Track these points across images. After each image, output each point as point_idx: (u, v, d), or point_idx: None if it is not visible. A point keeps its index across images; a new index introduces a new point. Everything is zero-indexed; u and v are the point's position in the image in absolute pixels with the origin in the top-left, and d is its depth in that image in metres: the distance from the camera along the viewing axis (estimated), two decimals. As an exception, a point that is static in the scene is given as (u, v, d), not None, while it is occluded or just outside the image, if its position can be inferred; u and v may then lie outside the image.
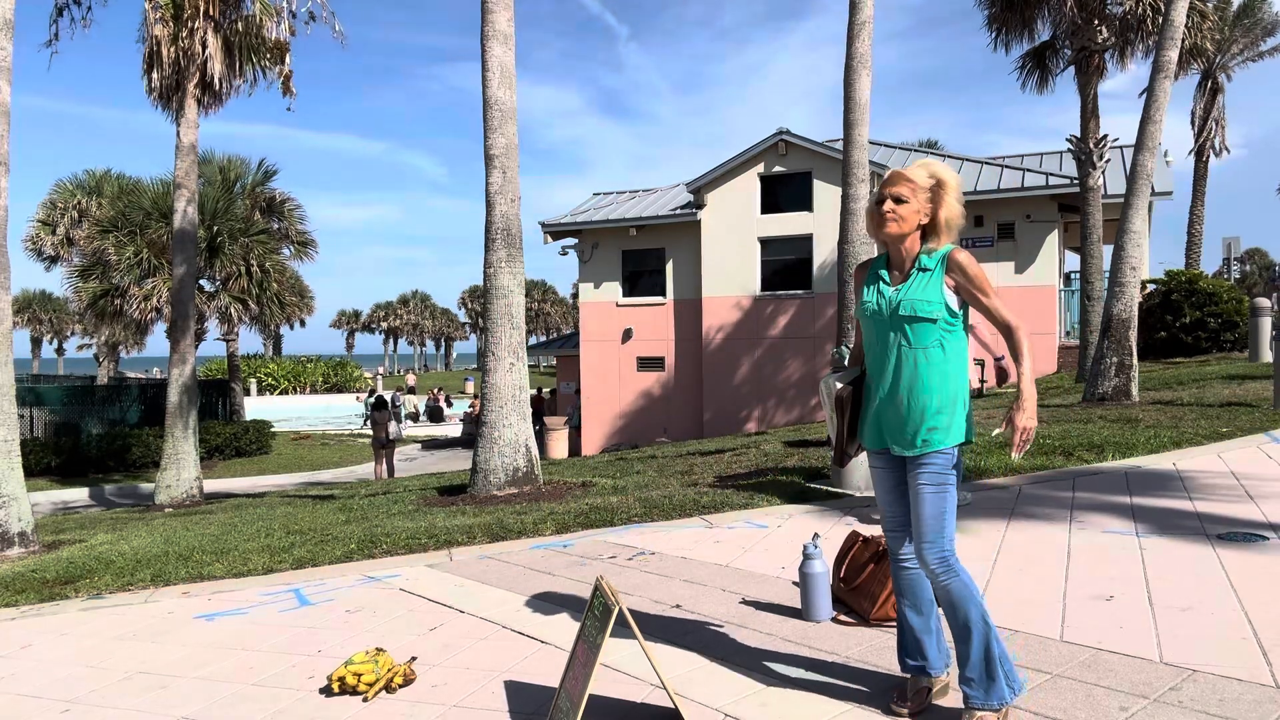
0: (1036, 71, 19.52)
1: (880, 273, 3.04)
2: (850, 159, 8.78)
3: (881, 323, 2.97)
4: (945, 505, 2.87)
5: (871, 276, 3.07)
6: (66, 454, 21.78)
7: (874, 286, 3.03)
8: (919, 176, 2.91)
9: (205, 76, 15.06)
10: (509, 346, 8.54)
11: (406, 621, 4.48)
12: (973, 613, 2.82)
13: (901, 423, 2.93)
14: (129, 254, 23.48)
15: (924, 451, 2.90)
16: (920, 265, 2.94)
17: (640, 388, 22.97)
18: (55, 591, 5.79)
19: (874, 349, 3.01)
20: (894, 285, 2.97)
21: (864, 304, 3.04)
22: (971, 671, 2.84)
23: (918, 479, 2.91)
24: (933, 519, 2.87)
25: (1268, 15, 29.92)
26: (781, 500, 6.77)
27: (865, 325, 3.05)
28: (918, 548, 2.90)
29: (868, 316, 3.02)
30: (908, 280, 2.95)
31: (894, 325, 2.93)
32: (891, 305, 2.94)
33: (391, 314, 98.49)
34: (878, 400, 3.00)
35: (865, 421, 3.09)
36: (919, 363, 2.90)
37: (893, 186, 2.94)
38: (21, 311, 62.81)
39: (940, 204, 2.90)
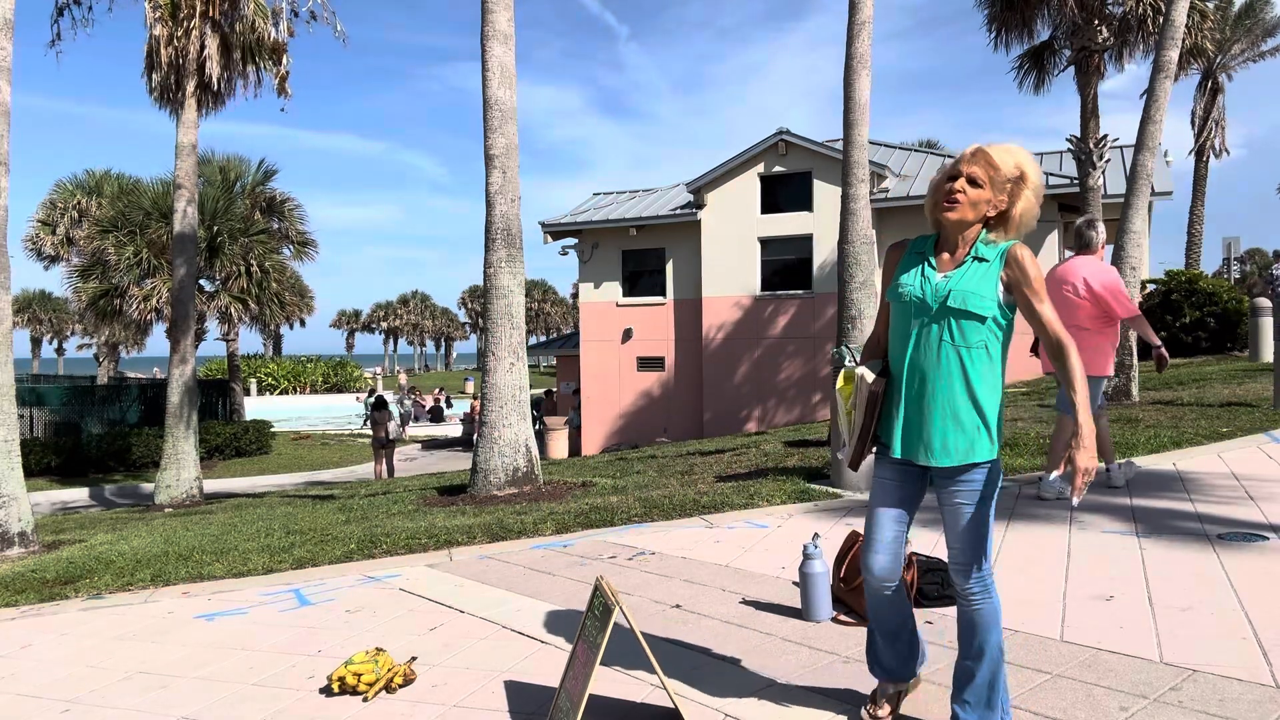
0: (1034, 72, 19.53)
1: (929, 254, 2.69)
2: (850, 159, 8.79)
3: (924, 312, 2.62)
4: (988, 523, 2.63)
5: (912, 257, 2.72)
6: (66, 454, 21.78)
7: (916, 269, 2.67)
8: (1005, 163, 2.58)
9: (204, 77, 15.07)
10: (509, 346, 8.54)
11: (406, 621, 4.48)
12: (994, 638, 2.65)
13: (938, 429, 2.61)
14: (129, 254, 23.49)
15: (965, 463, 2.61)
16: (977, 254, 2.61)
17: (640, 388, 22.97)
18: (55, 591, 5.79)
19: (907, 341, 2.65)
20: (941, 272, 2.64)
21: (902, 287, 2.67)
22: (972, 695, 2.69)
23: (955, 495, 2.63)
24: (978, 539, 2.62)
25: (1268, 15, 29.94)
26: (781, 500, 6.77)
27: (899, 312, 2.68)
28: (957, 569, 2.66)
29: (905, 302, 2.65)
30: (960, 268, 2.61)
31: (940, 317, 2.59)
32: (939, 294, 2.60)
33: (391, 314, 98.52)
34: (905, 401, 2.66)
35: (888, 424, 2.73)
36: (965, 363, 2.58)
37: (971, 165, 2.59)
38: (21, 311, 62.82)
39: (1018, 198, 2.59)
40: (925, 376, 2.62)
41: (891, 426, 2.71)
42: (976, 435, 2.60)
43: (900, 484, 2.75)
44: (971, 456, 2.60)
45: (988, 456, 2.61)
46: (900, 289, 2.67)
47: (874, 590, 2.84)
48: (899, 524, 2.77)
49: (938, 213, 2.64)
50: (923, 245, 2.72)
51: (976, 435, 2.60)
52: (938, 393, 2.61)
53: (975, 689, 2.67)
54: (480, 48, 8.61)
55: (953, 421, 2.60)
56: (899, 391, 2.68)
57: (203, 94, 15.22)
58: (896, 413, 2.69)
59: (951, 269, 2.63)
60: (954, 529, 2.66)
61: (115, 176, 30.09)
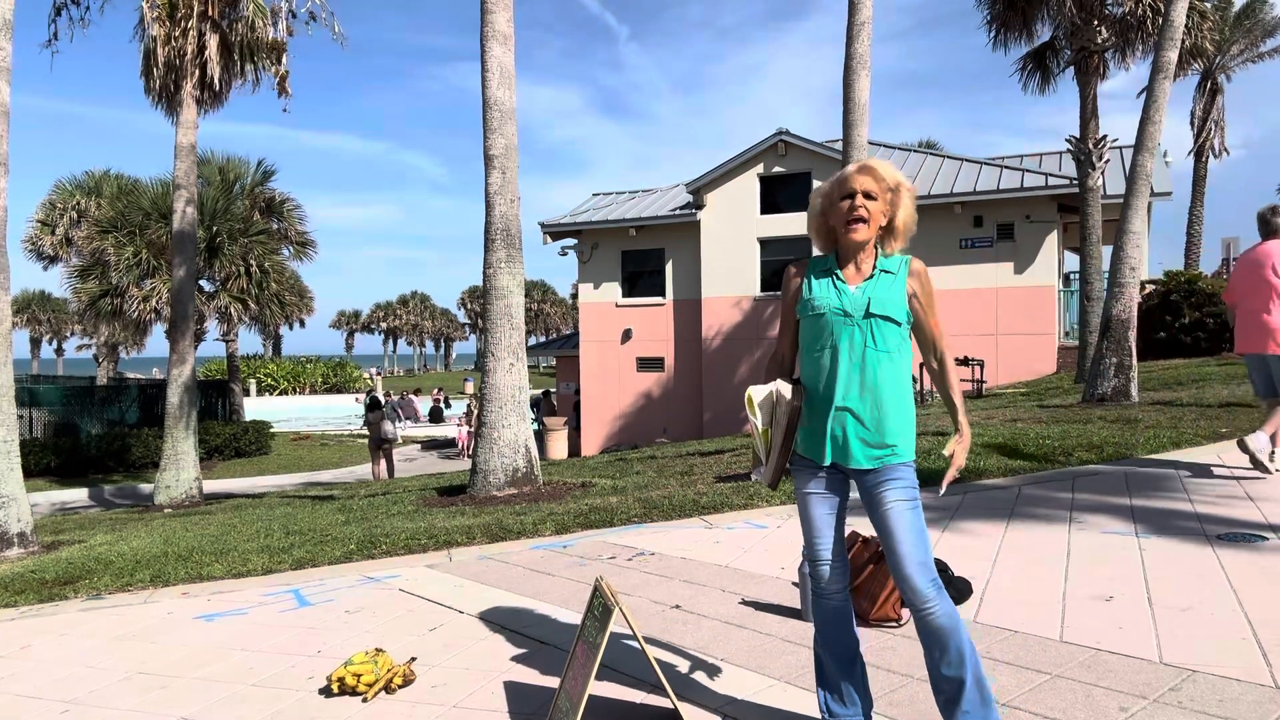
0: (1038, 73, 19.54)
1: (835, 270, 2.77)
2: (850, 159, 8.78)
3: (843, 322, 2.70)
4: (922, 519, 2.67)
5: (819, 275, 2.79)
6: (66, 454, 21.78)
7: (827, 284, 2.76)
8: (889, 173, 2.72)
9: (205, 77, 15.07)
10: (509, 347, 8.54)
11: (406, 622, 4.48)
12: (963, 636, 2.59)
13: (869, 433, 2.68)
14: (128, 254, 23.49)
15: (895, 463, 2.68)
16: (882, 267, 2.74)
17: (640, 388, 22.97)
18: (55, 592, 5.79)
19: (826, 353, 2.72)
20: (852, 285, 2.74)
21: (815, 301, 2.75)
22: (969, 704, 2.60)
23: (889, 494, 2.65)
24: (919, 535, 2.63)
25: (1268, 16, 29.95)
26: (781, 501, 6.77)
27: (813, 326, 2.75)
28: (907, 571, 2.60)
29: (820, 315, 2.73)
30: (870, 280, 2.73)
31: (861, 325, 2.69)
32: (859, 304, 2.69)
33: (391, 314, 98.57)
34: (833, 409, 2.69)
35: (810, 435, 2.76)
36: (886, 367, 2.68)
37: (864, 181, 2.69)
38: (21, 312, 62.83)
39: (899, 207, 2.72)
40: (854, 382, 2.68)
41: (817, 436, 2.74)
42: (903, 435, 2.70)
43: (829, 492, 2.78)
44: (901, 456, 2.69)
45: (913, 456, 2.73)
46: (816, 302, 2.74)
47: (827, 601, 2.80)
48: (839, 531, 2.79)
49: (843, 235, 2.72)
50: (826, 264, 2.80)
51: (903, 435, 2.70)
52: (866, 396, 2.68)
53: (968, 697, 2.59)
54: (480, 48, 8.61)
55: (885, 423, 2.68)
56: (822, 401, 2.72)
57: (202, 94, 15.22)
58: (821, 422, 2.73)
59: (860, 282, 2.73)
60: (899, 529, 2.64)
61: (114, 177, 30.10)
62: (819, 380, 2.73)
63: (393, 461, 19.22)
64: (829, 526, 2.78)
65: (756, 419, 2.77)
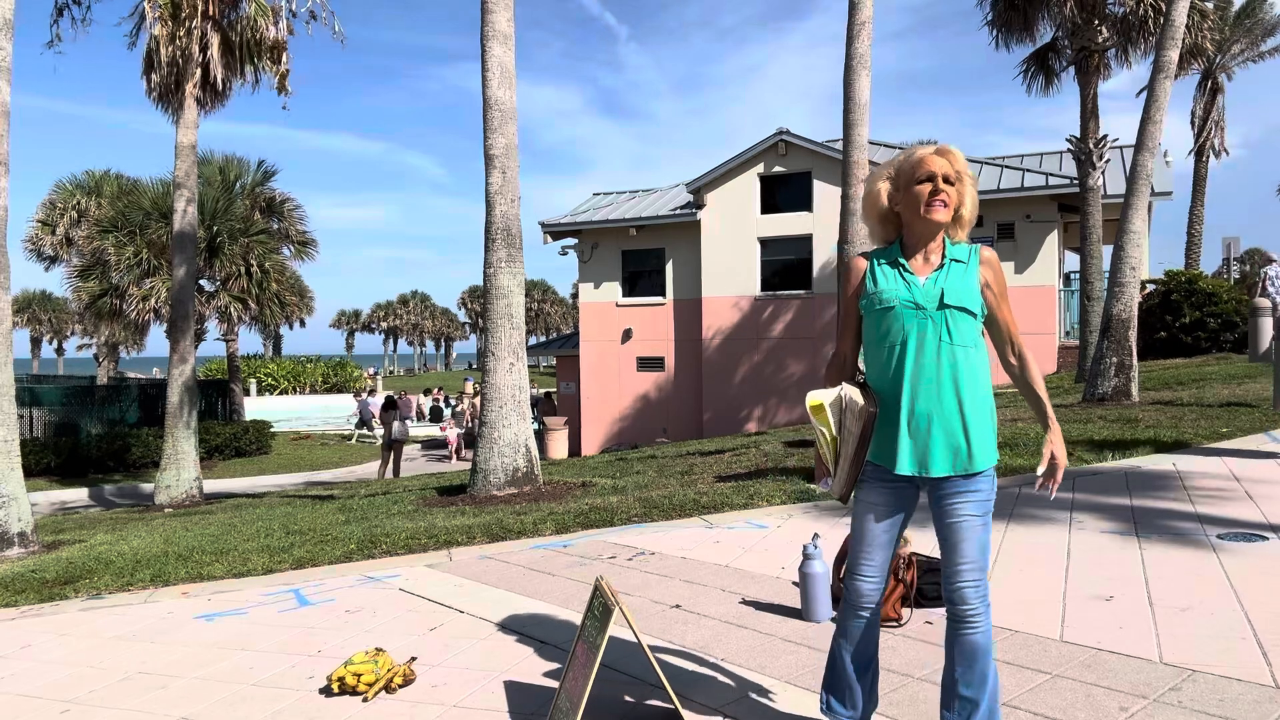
0: (1041, 74, 19.54)
1: (901, 260, 2.56)
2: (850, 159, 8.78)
3: (916, 316, 2.48)
4: (990, 533, 2.51)
5: (883, 267, 2.58)
6: (66, 454, 21.78)
7: (892, 274, 2.55)
8: (961, 160, 2.54)
9: (207, 77, 15.08)
10: (509, 346, 8.54)
11: (406, 622, 4.48)
12: (991, 660, 2.52)
13: (950, 436, 2.46)
14: (128, 254, 23.50)
15: (976, 470, 2.46)
16: (952, 256, 2.54)
17: (640, 388, 22.97)
18: (55, 591, 5.79)
19: (896, 349, 2.50)
20: (921, 276, 2.53)
21: (883, 293, 2.53)
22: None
23: (964, 508, 2.47)
24: (984, 550, 2.46)
25: (1268, 15, 29.94)
26: (781, 500, 6.77)
27: (881, 320, 2.53)
28: (961, 583, 2.46)
29: (889, 308, 2.51)
30: (940, 270, 2.52)
31: (935, 318, 2.47)
32: (931, 295, 2.48)
33: (391, 314, 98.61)
34: (909, 411, 2.48)
35: (884, 441, 2.53)
36: (964, 363, 2.47)
37: (943, 163, 2.50)
38: (21, 311, 62.85)
39: (965, 195, 2.55)
40: (927, 384, 2.47)
41: (891, 442, 2.52)
42: (983, 439, 2.48)
43: (893, 504, 2.56)
44: (984, 463, 2.48)
45: (994, 460, 2.50)
46: (885, 294, 2.52)
47: (855, 613, 2.64)
48: (890, 547, 2.62)
49: (918, 217, 2.51)
50: (890, 254, 2.59)
51: (983, 439, 2.48)
52: (947, 396, 2.46)
53: (981, 716, 2.52)
54: (480, 48, 8.61)
55: (970, 424, 2.47)
56: (894, 403, 2.50)
57: (203, 93, 15.22)
58: (895, 427, 2.50)
59: (930, 273, 2.53)
60: (961, 542, 2.47)
61: (115, 177, 30.12)
62: (890, 380, 2.52)
63: (399, 463, 19.29)
64: (884, 546, 2.59)
65: (825, 426, 2.54)
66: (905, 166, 2.55)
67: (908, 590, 3.95)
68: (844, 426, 2.54)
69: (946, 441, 2.47)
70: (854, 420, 2.51)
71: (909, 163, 2.55)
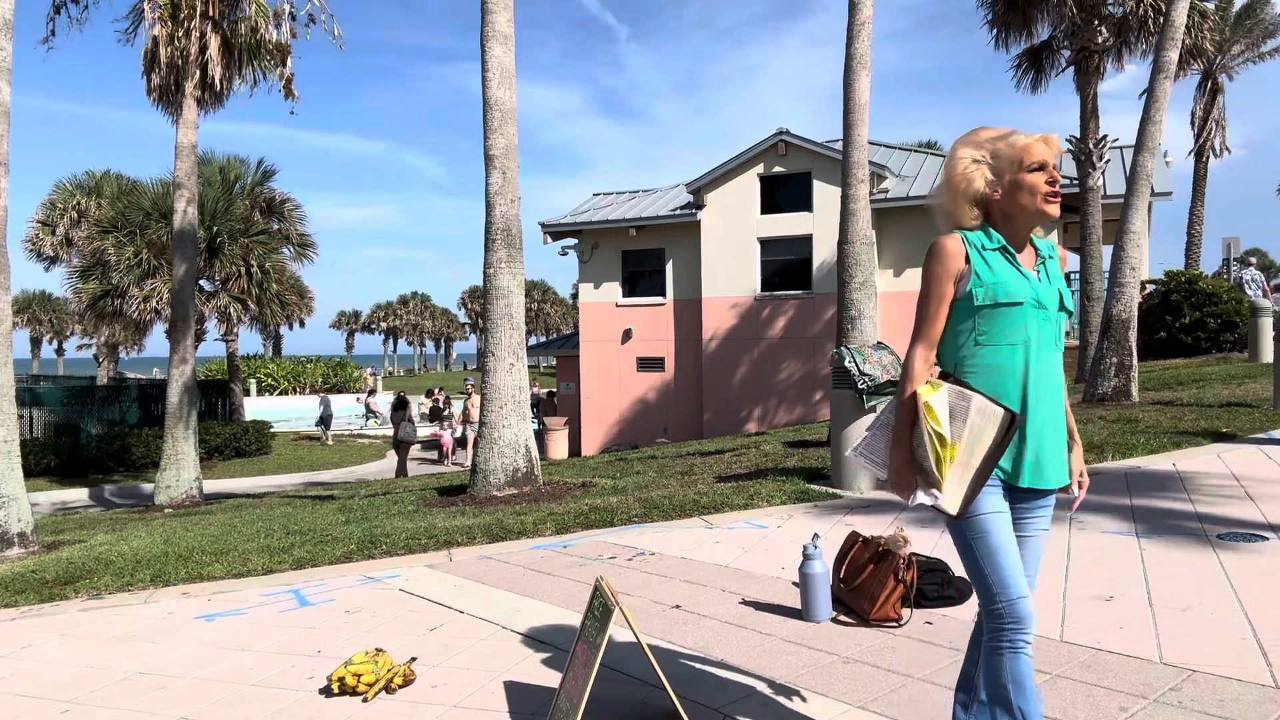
0: (1032, 71, 19.55)
1: (1010, 250, 2.36)
2: (850, 159, 8.79)
3: (1038, 316, 2.33)
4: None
5: (994, 256, 2.34)
6: (66, 454, 21.79)
7: (1006, 266, 2.34)
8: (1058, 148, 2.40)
9: (206, 77, 15.08)
10: (509, 347, 8.54)
11: (406, 622, 4.48)
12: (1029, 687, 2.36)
13: (1060, 446, 2.36)
14: (129, 254, 23.50)
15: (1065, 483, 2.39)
16: (1046, 252, 2.41)
17: (640, 388, 22.97)
18: (55, 592, 5.79)
19: (1019, 350, 2.31)
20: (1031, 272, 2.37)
21: (1008, 286, 2.31)
22: None
23: (1040, 523, 2.40)
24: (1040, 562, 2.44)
25: (1268, 16, 29.94)
26: (781, 501, 6.77)
27: (1002, 317, 2.31)
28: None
29: (1016, 304, 2.30)
30: (1041, 265, 2.40)
31: (1052, 320, 2.35)
32: (1051, 294, 2.35)
33: (391, 314, 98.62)
34: (1035, 419, 2.32)
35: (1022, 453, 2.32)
36: (1061, 369, 2.38)
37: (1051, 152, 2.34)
38: (21, 312, 62.84)
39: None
40: (1045, 389, 2.33)
41: (1015, 452, 2.32)
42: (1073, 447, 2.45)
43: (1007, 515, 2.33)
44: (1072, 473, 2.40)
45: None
46: (1011, 288, 2.30)
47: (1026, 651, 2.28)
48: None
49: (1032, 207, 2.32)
50: (992, 240, 2.37)
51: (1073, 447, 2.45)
52: (1056, 406, 2.35)
53: None
54: (480, 48, 8.62)
55: (1064, 433, 2.39)
56: (1019, 409, 2.31)
57: (203, 94, 15.22)
58: (1031, 436, 2.32)
59: (1030, 267, 2.38)
60: (1033, 560, 2.39)
61: (115, 177, 30.11)
62: (1010, 382, 2.31)
63: (405, 462, 19.35)
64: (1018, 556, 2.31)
65: (941, 429, 2.25)
66: (1007, 151, 2.35)
67: (908, 590, 3.95)
68: (967, 431, 2.25)
69: (1058, 452, 2.36)
70: (987, 424, 2.24)
71: (1012, 147, 2.35)
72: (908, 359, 2.39)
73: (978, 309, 2.32)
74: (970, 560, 2.31)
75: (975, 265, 2.32)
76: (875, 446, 2.49)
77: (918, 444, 2.29)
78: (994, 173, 2.36)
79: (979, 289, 2.31)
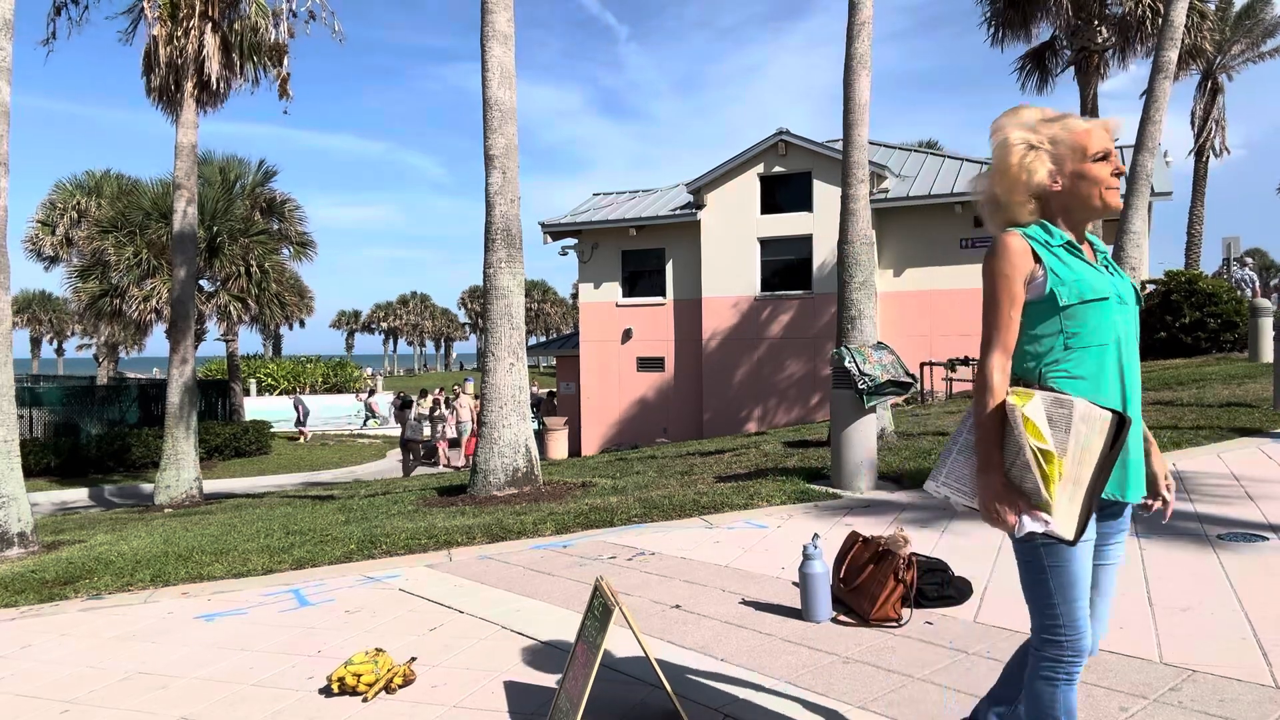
0: (1036, 72, 19.57)
1: (1075, 245, 2.17)
2: (850, 159, 8.79)
3: (1122, 312, 2.13)
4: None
5: (1059, 250, 2.14)
6: (66, 454, 21.79)
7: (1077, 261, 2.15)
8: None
9: (204, 77, 15.08)
10: (509, 347, 8.54)
11: (406, 622, 4.48)
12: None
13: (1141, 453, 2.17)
14: (128, 254, 23.50)
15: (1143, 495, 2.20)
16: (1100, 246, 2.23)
17: (640, 388, 22.97)
18: (55, 591, 5.79)
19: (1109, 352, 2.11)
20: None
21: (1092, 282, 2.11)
22: None
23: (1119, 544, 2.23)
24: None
25: (1268, 16, 29.95)
26: (781, 500, 6.77)
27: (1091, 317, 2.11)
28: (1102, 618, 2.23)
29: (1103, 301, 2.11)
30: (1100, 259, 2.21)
31: (1134, 318, 2.17)
32: (1128, 289, 2.18)
33: (391, 314, 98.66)
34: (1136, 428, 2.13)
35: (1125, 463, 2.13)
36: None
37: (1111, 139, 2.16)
38: (21, 311, 62.84)
39: None
40: (1137, 388, 2.15)
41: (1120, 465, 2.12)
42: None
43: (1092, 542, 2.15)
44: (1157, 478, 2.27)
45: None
46: (1096, 284, 2.11)
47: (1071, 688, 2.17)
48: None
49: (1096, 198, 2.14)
50: (1055, 236, 2.17)
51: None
52: (1138, 411, 2.15)
53: None
54: (480, 48, 8.62)
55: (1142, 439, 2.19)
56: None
57: (202, 94, 15.23)
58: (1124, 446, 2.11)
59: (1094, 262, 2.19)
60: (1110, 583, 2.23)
61: (115, 177, 30.12)
62: (1109, 385, 2.11)
63: (409, 461, 19.38)
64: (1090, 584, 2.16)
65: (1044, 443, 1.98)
66: (1068, 137, 2.14)
67: (908, 590, 3.95)
68: (1072, 441, 1.99)
69: (1141, 459, 2.18)
70: (1093, 432, 1.99)
71: (1073, 133, 2.14)
72: (984, 370, 2.12)
73: (1063, 309, 2.10)
74: (1039, 585, 2.11)
75: (1049, 263, 2.11)
76: (960, 473, 2.16)
77: (1013, 463, 2.02)
78: (1054, 161, 2.15)
79: (1061, 288, 2.10)
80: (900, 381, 7.06)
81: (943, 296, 19.57)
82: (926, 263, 19.74)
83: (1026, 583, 2.16)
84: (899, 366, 7.12)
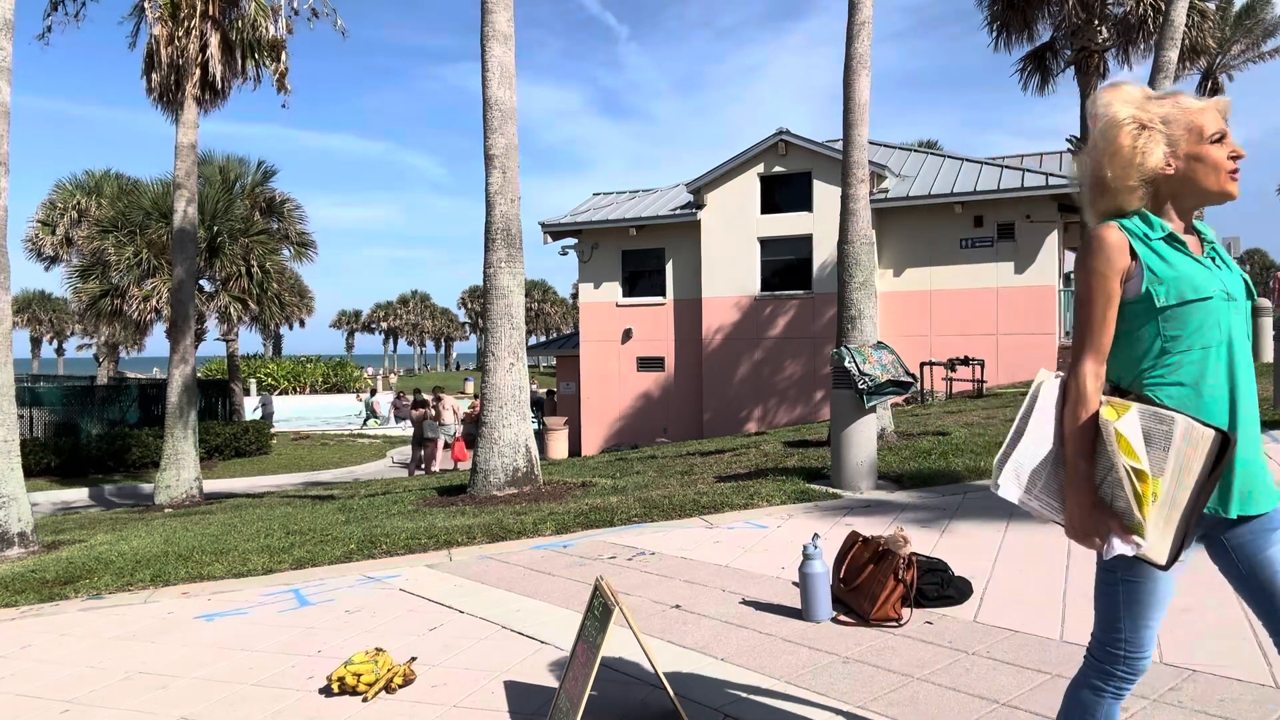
0: (1037, 73, 19.56)
1: (1178, 238, 1.98)
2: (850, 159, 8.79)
3: (1230, 311, 1.95)
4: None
5: (1159, 243, 1.96)
6: (66, 454, 21.78)
7: (1179, 255, 1.95)
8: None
9: (206, 76, 15.09)
10: (509, 346, 8.54)
11: (406, 622, 4.48)
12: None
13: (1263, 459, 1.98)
14: (129, 254, 23.49)
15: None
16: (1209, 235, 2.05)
17: (640, 388, 22.97)
18: (55, 591, 5.79)
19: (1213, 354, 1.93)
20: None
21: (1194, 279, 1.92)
22: None
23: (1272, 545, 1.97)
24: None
25: (1269, 16, 29.95)
26: (781, 500, 6.77)
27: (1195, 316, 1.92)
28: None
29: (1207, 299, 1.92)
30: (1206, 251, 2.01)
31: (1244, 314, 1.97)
32: (1237, 283, 1.99)
33: (391, 314, 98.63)
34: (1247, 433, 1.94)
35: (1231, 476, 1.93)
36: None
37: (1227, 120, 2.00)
38: (21, 311, 62.85)
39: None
40: (1250, 393, 1.95)
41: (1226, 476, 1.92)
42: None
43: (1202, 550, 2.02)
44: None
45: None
46: (1198, 281, 1.93)
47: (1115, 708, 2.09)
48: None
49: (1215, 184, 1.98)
50: (1156, 228, 1.98)
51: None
52: (1255, 412, 1.96)
53: None
54: (480, 48, 8.61)
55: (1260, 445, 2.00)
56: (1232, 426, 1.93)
57: (203, 93, 15.23)
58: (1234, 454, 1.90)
59: (1199, 254, 1.99)
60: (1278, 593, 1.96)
61: (115, 177, 30.11)
62: (1216, 393, 1.93)
63: (417, 458, 19.41)
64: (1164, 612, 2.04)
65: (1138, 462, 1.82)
66: (1182, 117, 1.98)
67: (908, 590, 3.95)
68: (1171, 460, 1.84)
69: (1264, 468, 1.97)
70: (1195, 451, 1.83)
71: (1187, 113, 1.99)
72: (1075, 376, 1.95)
73: (1160, 310, 1.93)
74: (1110, 602, 2.01)
75: (1146, 259, 1.94)
76: (1052, 487, 2.00)
77: (1103, 479, 1.87)
78: (1169, 143, 1.97)
79: (1158, 287, 1.93)
80: (900, 381, 7.06)
81: (943, 296, 19.58)
82: (926, 263, 19.74)
83: (1097, 594, 2.05)
84: (899, 366, 7.12)
